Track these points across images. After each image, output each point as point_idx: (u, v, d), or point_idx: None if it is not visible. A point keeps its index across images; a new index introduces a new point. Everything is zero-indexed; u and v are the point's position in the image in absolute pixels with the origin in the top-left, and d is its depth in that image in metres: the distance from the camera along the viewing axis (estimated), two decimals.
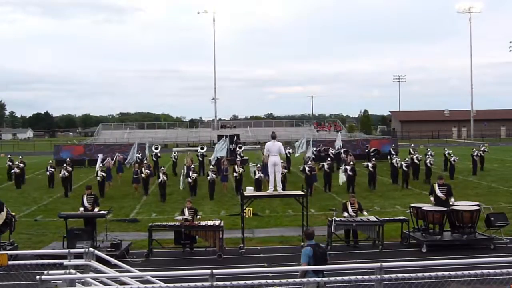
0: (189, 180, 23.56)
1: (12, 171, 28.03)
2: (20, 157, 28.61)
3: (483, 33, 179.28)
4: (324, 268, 7.43)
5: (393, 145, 37.30)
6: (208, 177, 23.32)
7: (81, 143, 54.12)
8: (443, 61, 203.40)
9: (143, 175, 24.16)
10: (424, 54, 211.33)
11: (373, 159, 27.38)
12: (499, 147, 31.76)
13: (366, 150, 35.45)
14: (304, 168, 24.81)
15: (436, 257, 11.80)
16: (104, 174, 24.05)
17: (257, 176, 23.89)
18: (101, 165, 25.19)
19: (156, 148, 33.83)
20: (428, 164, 26.69)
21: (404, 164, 25.60)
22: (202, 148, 33.50)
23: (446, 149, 31.50)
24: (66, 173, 24.83)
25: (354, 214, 14.10)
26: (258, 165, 24.44)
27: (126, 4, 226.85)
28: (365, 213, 14.31)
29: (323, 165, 25.35)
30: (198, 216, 13.86)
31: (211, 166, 25.57)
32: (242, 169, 24.83)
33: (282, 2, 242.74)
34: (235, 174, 24.27)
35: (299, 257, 12.49)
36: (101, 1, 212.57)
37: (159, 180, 22.80)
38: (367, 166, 25.34)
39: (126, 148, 38.35)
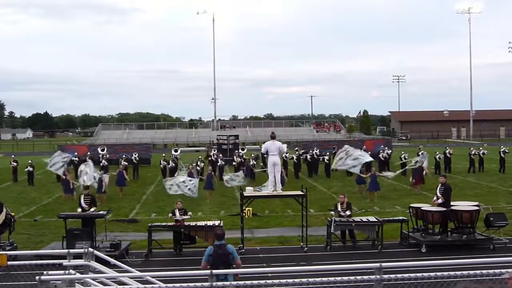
0: (198, 168, 26.56)
1: (25, 169, 29.43)
2: (13, 156, 29.18)
3: (483, 33, 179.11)
4: (225, 272, 7.10)
5: (381, 145, 35.99)
6: (218, 164, 28.26)
7: (81, 143, 54.15)
8: (443, 62, 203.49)
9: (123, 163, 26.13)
10: (424, 55, 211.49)
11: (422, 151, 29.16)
12: (499, 147, 31.67)
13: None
14: (292, 157, 29.41)
15: (435, 257, 11.81)
16: (126, 163, 27.45)
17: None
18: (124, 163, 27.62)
19: (176, 151, 32.47)
20: (409, 163, 29.30)
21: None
22: (176, 151, 32.09)
23: (438, 152, 30.73)
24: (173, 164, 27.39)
25: (344, 213, 14.01)
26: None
27: (126, 5, 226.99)
28: (347, 212, 13.95)
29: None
30: (187, 217, 13.70)
31: (218, 155, 30.24)
32: (239, 159, 29.84)
33: (282, 2, 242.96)
34: (233, 163, 29.55)
35: (299, 257, 12.58)
36: (102, 2, 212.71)
37: (161, 165, 28.04)
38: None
39: (128, 148, 38.60)
